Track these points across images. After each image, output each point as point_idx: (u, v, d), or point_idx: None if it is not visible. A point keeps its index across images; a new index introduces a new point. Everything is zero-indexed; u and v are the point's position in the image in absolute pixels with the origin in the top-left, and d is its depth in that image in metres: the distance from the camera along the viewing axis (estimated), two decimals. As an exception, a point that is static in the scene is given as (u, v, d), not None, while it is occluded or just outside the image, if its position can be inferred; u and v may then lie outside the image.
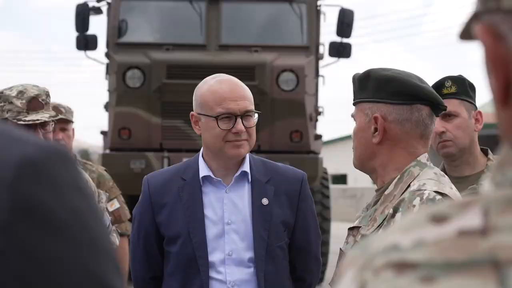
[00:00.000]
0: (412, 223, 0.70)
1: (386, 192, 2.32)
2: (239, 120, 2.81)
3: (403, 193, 2.25)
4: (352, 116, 2.46)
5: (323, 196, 10.56)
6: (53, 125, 3.51)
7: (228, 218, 2.84)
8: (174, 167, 3.01)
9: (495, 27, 0.69)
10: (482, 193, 0.70)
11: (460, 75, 3.27)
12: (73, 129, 5.01)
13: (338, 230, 3.25)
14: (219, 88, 2.84)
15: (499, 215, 0.65)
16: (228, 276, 2.81)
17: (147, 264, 2.96)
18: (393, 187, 2.30)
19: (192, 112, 2.91)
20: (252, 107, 2.87)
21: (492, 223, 0.65)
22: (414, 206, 2.15)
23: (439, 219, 0.68)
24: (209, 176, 2.87)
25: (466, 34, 0.75)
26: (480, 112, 3.27)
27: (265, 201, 2.87)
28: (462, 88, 3.21)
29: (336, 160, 30.96)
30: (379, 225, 2.24)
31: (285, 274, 2.95)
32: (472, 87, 3.26)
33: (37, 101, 3.40)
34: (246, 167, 2.89)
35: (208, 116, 2.83)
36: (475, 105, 3.26)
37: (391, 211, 2.20)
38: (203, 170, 2.88)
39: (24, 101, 3.33)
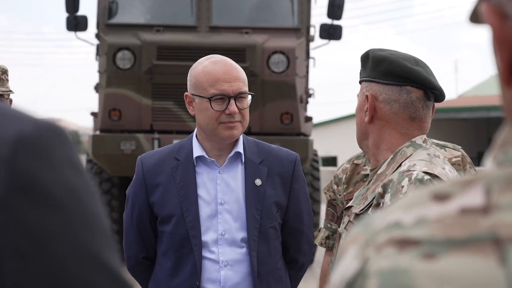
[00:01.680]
0: (414, 201, 0.70)
1: (378, 172, 2.34)
2: (232, 101, 2.82)
3: (394, 171, 2.26)
4: (357, 95, 2.48)
5: (313, 178, 10.59)
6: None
7: (221, 198, 2.86)
8: (168, 148, 3.01)
9: (501, 7, 0.69)
10: (484, 172, 0.70)
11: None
12: (8, 99, 4.47)
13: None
14: (212, 69, 2.84)
15: (500, 193, 0.66)
16: (220, 256, 2.83)
17: (140, 243, 2.97)
18: (385, 167, 2.32)
19: (186, 92, 2.91)
20: (246, 88, 2.88)
21: (494, 201, 0.66)
22: (402, 187, 2.16)
23: (441, 197, 0.69)
24: (203, 156, 2.88)
25: (475, 16, 0.75)
26: None
27: (258, 181, 2.89)
28: None
29: (327, 142, 31.02)
30: (369, 203, 2.25)
31: (278, 255, 2.97)
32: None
33: None
34: (239, 148, 2.91)
35: (202, 97, 2.84)
36: None
37: (380, 189, 2.21)
38: (197, 151, 2.89)
39: None
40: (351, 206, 2.41)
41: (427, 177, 2.18)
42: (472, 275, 0.62)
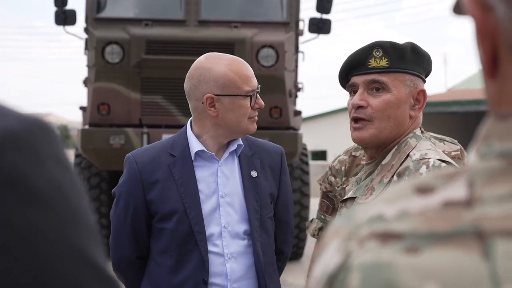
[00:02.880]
0: (397, 194, 0.70)
1: (383, 162, 2.38)
2: (258, 96, 2.89)
3: (402, 162, 2.32)
4: (383, 82, 2.51)
5: (303, 172, 10.60)
6: None
7: (222, 191, 2.87)
8: (160, 144, 2.99)
9: None
10: (468, 164, 0.70)
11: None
12: None
13: (317, 206, 3.27)
14: (239, 67, 2.87)
15: (483, 186, 0.66)
16: (225, 248, 2.84)
17: (134, 243, 2.93)
18: (390, 157, 2.37)
19: (208, 94, 2.84)
20: None
21: (477, 194, 0.65)
22: (421, 174, 2.21)
23: (424, 190, 0.68)
24: (202, 150, 2.88)
25: (458, 7, 0.75)
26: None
27: (254, 173, 2.92)
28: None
29: (316, 136, 31.04)
30: (381, 193, 2.28)
31: (273, 245, 3.01)
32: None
33: None
34: (239, 141, 2.94)
35: (235, 95, 2.84)
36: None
37: (395, 178, 2.26)
38: (196, 146, 2.88)
39: None
40: (350, 198, 2.43)
41: (443, 164, 2.25)
42: (455, 269, 0.61)
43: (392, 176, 2.31)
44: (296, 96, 10.64)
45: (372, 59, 2.42)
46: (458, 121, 30.40)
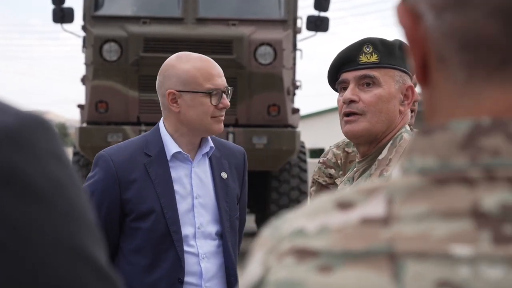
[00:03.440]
0: (319, 208, 0.68)
1: (380, 157, 2.38)
2: (224, 95, 2.88)
3: (401, 155, 2.33)
4: (373, 76, 2.49)
5: (301, 170, 10.60)
6: None
7: (196, 192, 2.89)
8: (133, 143, 2.98)
9: (414, 7, 0.68)
10: (390, 179, 0.68)
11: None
12: None
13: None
14: (204, 65, 2.89)
15: (402, 204, 0.64)
16: (199, 249, 2.86)
17: (104, 243, 2.90)
18: (387, 151, 2.37)
19: (169, 90, 2.88)
20: None
21: (395, 212, 0.63)
22: None
23: (344, 205, 0.66)
24: (178, 152, 2.89)
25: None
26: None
27: (224, 174, 2.96)
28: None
29: (314, 134, 31.05)
30: None
31: (238, 245, 3.06)
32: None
33: None
34: (211, 143, 2.95)
35: (196, 92, 2.85)
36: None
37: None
38: (173, 146, 2.89)
39: None
40: None
41: None
42: None
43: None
44: (294, 94, 10.64)
45: (363, 55, 2.43)
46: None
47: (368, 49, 2.42)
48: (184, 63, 2.90)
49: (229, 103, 2.89)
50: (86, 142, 9.40)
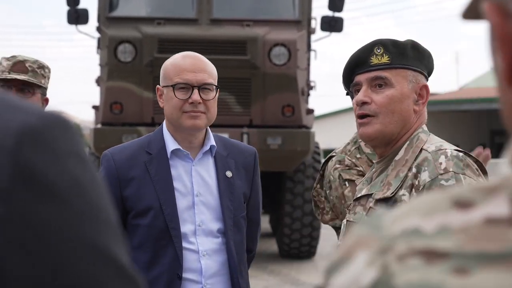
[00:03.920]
0: (433, 206, 0.66)
1: (396, 158, 2.39)
2: (195, 90, 2.89)
3: (417, 156, 2.34)
4: (385, 77, 2.49)
5: (315, 170, 10.58)
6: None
7: (197, 190, 2.92)
8: (136, 142, 3.05)
9: (503, 5, 0.67)
10: (504, 177, 0.65)
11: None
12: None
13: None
14: (180, 61, 2.95)
15: None
16: (200, 246, 2.89)
17: (126, 242, 2.93)
18: (403, 152, 2.38)
19: (158, 86, 3.00)
20: (212, 80, 2.94)
21: None
22: (440, 163, 2.25)
23: (463, 204, 0.64)
24: (178, 149, 2.93)
25: (469, 13, 0.73)
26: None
27: (229, 173, 2.98)
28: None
29: (328, 135, 30.99)
30: (399, 186, 2.31)
31: (245, 244, 3.06)
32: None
33: (23, 65, 3.49)
34: (213, 141, 2.98)
35: (167, 86, 2.93)
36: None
37: (414, 170, 2.28)
38: (172, 144, 2.94)
39: (10, 63, 3.48)
40: (364, 195, 2.43)
41: (461, 153, 2.29)
42: None
43: (409, 170, 2.31)
44: (308, 95, 10.63)
45: (374, 56, 2.44)
46: (470, 119, 30.31)
47: (379, 51, 2.42)
48: (169, 60, 2.99)
49: (198, 99, 2.88)
50: (101, 143, 9.42)
